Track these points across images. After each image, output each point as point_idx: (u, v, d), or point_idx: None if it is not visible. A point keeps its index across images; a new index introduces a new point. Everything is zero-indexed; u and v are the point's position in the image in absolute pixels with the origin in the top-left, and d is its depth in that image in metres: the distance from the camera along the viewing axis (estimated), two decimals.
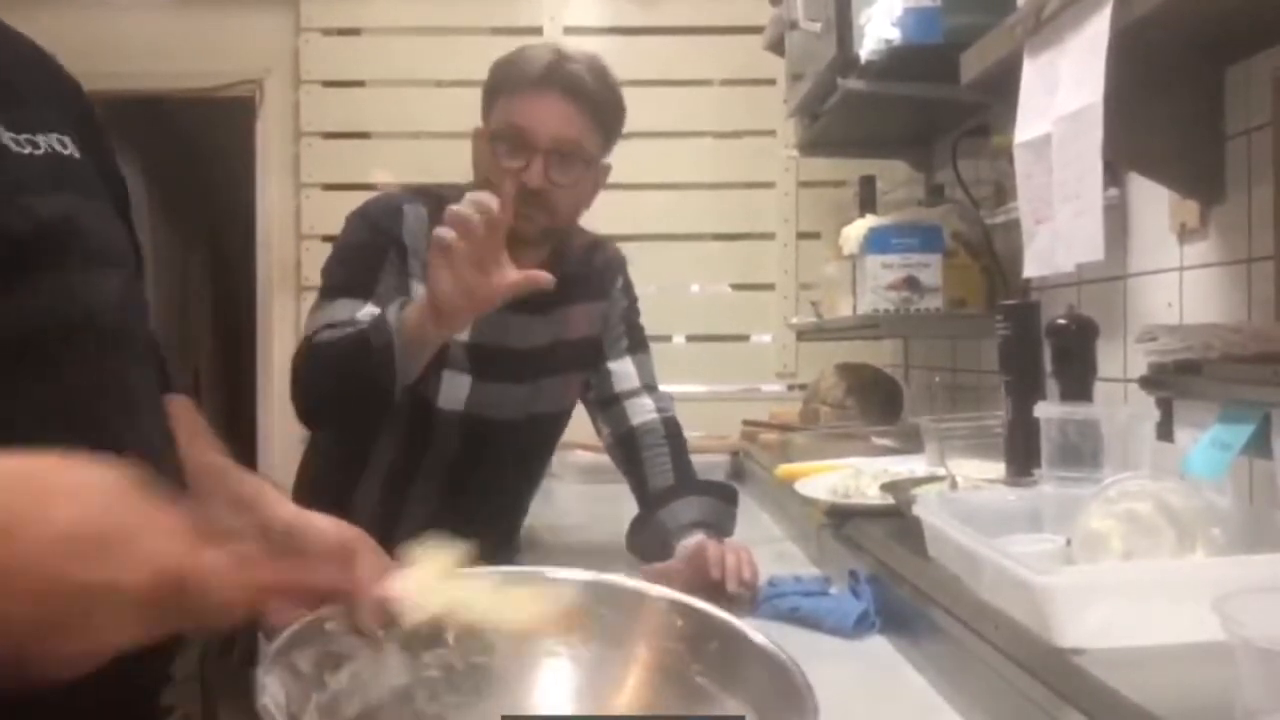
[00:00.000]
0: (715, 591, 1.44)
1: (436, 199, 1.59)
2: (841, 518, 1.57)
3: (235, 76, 3.65)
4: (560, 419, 1.79)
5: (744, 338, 3.63)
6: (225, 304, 5.06)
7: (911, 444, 1.96)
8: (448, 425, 1.61)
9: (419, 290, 1.53)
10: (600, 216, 1.75)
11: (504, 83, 1.57)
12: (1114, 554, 0.94)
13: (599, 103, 1.57)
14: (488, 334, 1.59)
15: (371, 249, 1.58)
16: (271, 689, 0.69)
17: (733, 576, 1.43)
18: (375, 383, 1.42)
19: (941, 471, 1.51)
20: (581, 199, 1.63)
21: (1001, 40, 1.36)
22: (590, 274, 1.74)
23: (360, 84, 3.60)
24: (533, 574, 0.94)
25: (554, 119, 1.53)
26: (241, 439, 4.75)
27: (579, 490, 2.56)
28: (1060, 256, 1.23)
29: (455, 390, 1.59)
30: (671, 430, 1.74)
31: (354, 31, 3.63)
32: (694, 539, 1.53)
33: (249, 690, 0.67)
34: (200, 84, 3.67)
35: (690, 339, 3.61)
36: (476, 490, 1.67)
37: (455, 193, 1.59)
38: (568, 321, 1.70)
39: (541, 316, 1.66)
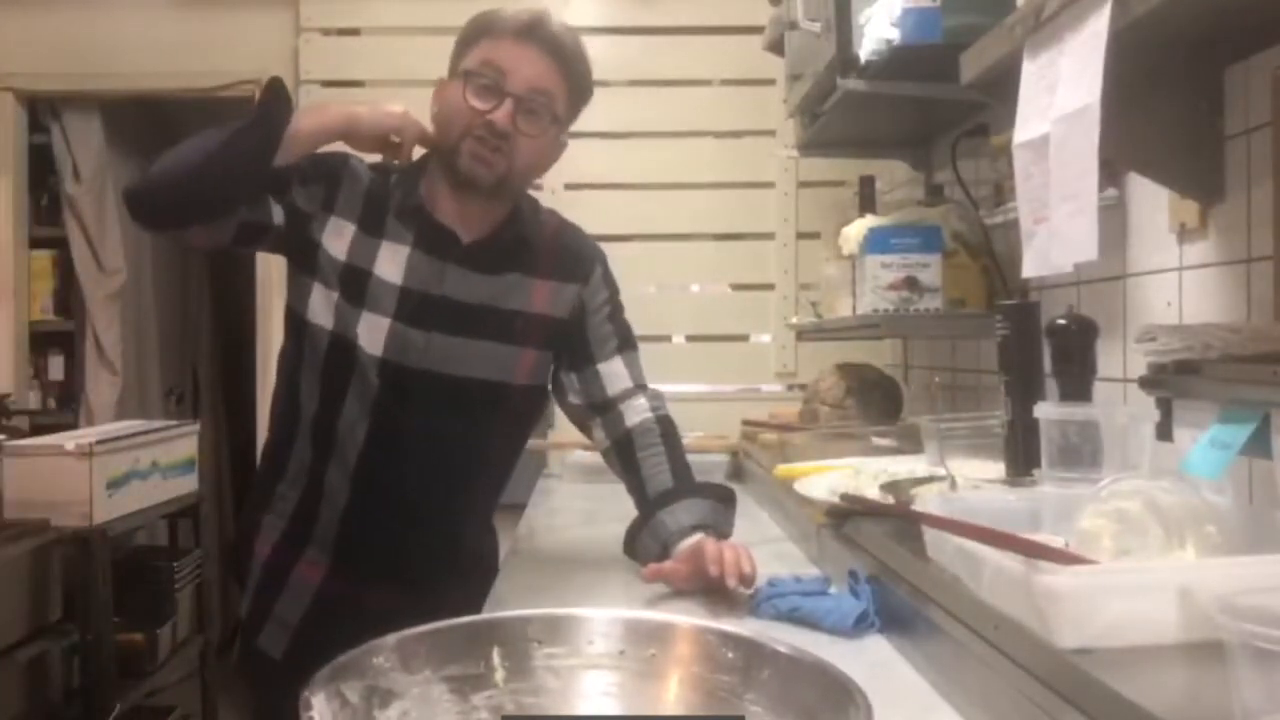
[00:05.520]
0: (715, 589, 1.44)
1: (379, 169, 1.66)
2: (841, 517, 1.57)
3: (235, 76, 3.65)
4: (510, 391, 1.66)
5: (744, 338, 3.63)
6: (225, 304, 5.06)
7: (911, 444, 1.96)
8: (367, 367, 1.59)
9: (331, 220, 1.60)
10: (601, 216, 1.75)
11: (485, 29, 1.59)
12: (1106, 553, 0.94)
13: (574, 66, 1.60)
14: (420, 280, 1.60)
15: (306, 167, 1.61)
16: (319, 709, 0.69)
17: (731, 572, 1.42)
18: (265, 139, 1.48)
19: (941, 471, 1.51)
20: (538, 158, 1.63)
21: (1001, 40, 1.36)
22: (560, 254, 1.70)
23: (360, 84, 3.60)
24: (572, 617, 0.92)
25: (531, 69, 1.56)
26: (239, 439, 4.75)
27: (578, 490, 2.56)
28: (1056, 256, 1.23)
29: (374, 330, 1.58)
30: (666, 429, 1.69)
31: (354, 31, 3.63)
32: (692, 540, 1.53)
33: (249, 690, 0.67)
34: (200, 84, 3.66)
35: (690, 339, 3.61)
36: (408, 450, 1.62)
37: (410, 167, 1.66)
38: (532, 294, 1.66)
39: (490, 276, 1.63)
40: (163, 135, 4.49)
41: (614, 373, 1.69)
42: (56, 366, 4.09)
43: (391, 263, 1.60)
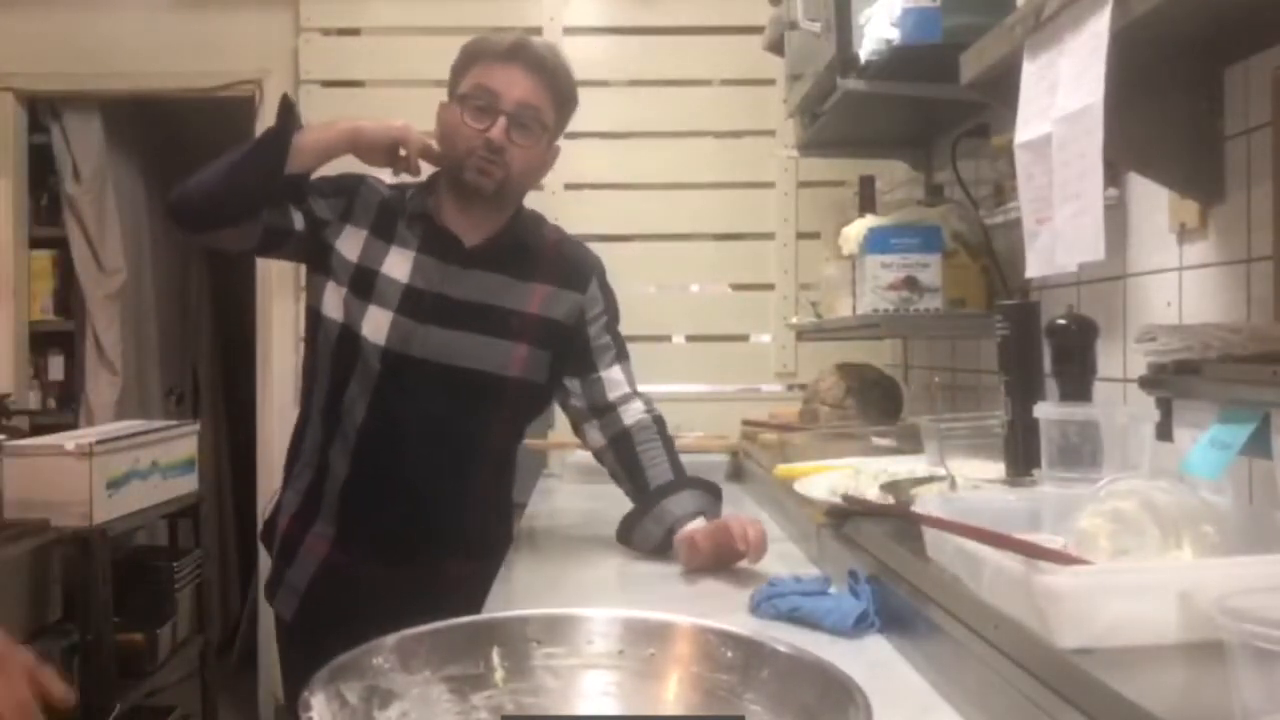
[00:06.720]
0: (731, 562, 1.60)
1: (397, 187, 1.84)
2: (841, 517, 1.57)
3: (235, 76, 3.65)
4: (504, 384, 1.78)
5: (744, 338, 3.64)
6: (225, 304, 5.06)
7: (911, 444, 1.96)
8: (370, 354, 1.74)
9: (347, 228, 1.78)
10: (601, 216, 1.77)
11: (476, 56, 1.77)
12: (1103, 553, 0.94)
13: (556, 79, 1.77)
14: (424, 279, 1.76)
15: (326, 185, 1.81)
16: (318, 710, 0.69)
17: (757, 552, 1.59)
18: (275, 150, 1.67)
19: (941, 471, 1.51)
20: (533, 165, 1.80)
21: (1001, 40, 1.36)
22: (559, 261, 1.85)
23: (360, 84, 3.60)
24: (571, 616, 0.92)
25: (519, 88, 1.73)
26: (239, 439, 4.75)
27: (578, 490, 2.56)
28: (1061, 256, 1.22)
29: (378, 322, 1.74)
30: (661, 428, 1.85)
31: (353, 31, 3.63)
32: (696, 524, 1.68)
33: (249, 690, 0.67)
34: (200, 84, 3.67)
35: (690, 339, 3.62)
36: (406, 432, 1.75)
37: (423, 183, 1.83)
38: (529, 296, 1.80)
39: (490, 277, 1.78)
40: (163, 135, 4.50)
41: (614, 380, 1.85)
42: (56, 366, 4.09)
43: (399, 263, 1.76)
